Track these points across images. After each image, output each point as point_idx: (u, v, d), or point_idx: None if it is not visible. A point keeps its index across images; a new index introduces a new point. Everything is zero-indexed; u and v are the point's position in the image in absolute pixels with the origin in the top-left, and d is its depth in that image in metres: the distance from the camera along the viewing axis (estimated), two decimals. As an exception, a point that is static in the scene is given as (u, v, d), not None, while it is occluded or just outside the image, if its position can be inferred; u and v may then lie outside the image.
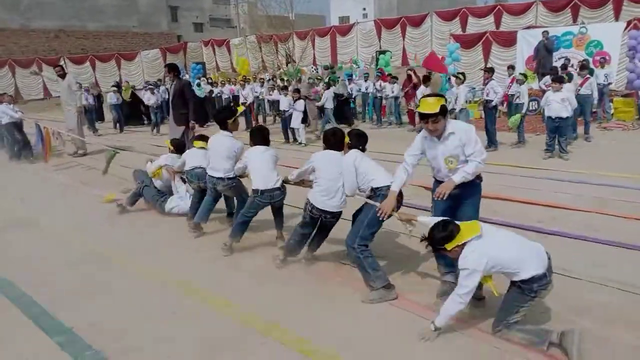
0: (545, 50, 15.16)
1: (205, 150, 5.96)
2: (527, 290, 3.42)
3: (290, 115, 12.40)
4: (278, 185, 5.17)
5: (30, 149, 12.12)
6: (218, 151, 5.55)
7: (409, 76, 13.55)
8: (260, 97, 16.02)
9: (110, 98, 16.81)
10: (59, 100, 12.85)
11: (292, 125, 12.39)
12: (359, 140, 4.69)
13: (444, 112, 3.89)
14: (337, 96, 14.46)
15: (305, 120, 12.62)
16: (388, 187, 4.27)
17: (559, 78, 9.93)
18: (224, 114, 5.75)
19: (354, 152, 4.53)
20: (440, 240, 3.52)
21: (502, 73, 18.35)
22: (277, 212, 5.53)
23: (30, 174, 10.42)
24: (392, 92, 14.60)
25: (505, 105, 13.39)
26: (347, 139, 4.71)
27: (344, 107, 15.00)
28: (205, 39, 34.14)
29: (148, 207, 6.96)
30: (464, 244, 3.47)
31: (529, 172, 8.46)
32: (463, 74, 12.20)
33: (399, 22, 25.22)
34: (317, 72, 20.02)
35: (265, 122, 16.65)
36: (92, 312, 4.20)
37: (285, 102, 12.41)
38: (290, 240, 4.99)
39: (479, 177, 4.12)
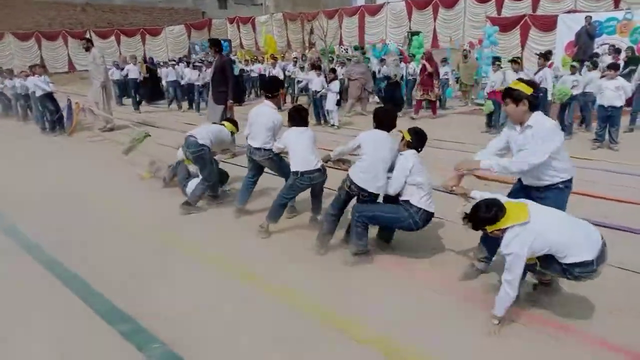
0: (587, 36, 14.55)
1: (235, 134, 6.01)
2: (567, 271, 3.31)
3: (322, 96, 12.08)
4: (318, 166, 4.99)
5: (63, 122, 12.08)
6: (259, 121, 5.41)
7: (424, 66, 12.93)
8: (292, 76, 15.66)
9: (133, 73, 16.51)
10: (83, 74, 12.82)
11: (326, 107, 12.06)
12: (420, 141, 4.53)
13: (517, 98, 3.62)
14: (386, 78, 14.03)
15: (339, 102, 12.28)
16: (420, 209, 4.34)
17: (614, 65, 9.44)
18: (275, 85, 5.71)
19: (413, 156, 4.40)
20: (482, 221, 3.40)
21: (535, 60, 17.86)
22: (317, 194, 5.39)
23: (61, 146, 10.31)
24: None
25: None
26: (407, 136, 4.50)
27: (395, 91, 14.07)
28: (230, 16, 33.73)
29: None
30: (506, 229, 3.32)
31: (581, 163, 8.07)
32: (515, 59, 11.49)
33: (431, 3, 24.52)
34: (347, 52, 19.56)
35: (296, 102, 16.40)
36: (152, 299, 3.97)
37: (318, 83, 12.06)
38: (323, 228, 4.83)
39: (564, 183, 3.75)
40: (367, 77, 13.53)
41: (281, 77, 15.33)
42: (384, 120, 4.63)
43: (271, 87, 5.63)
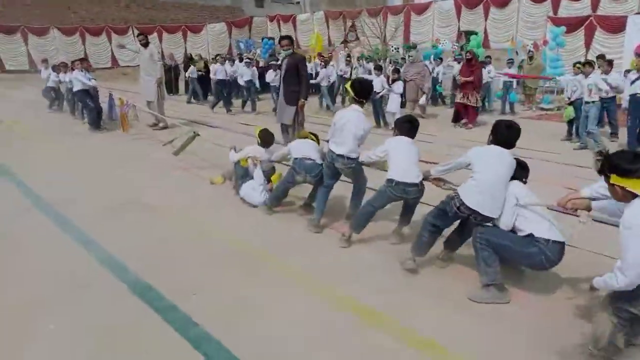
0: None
1: (315, 142, 5.61)
2: None
3: (382, 97, 11.45)
4: (417, 180, 4.55)
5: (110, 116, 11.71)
6: (348, 127, 4.94)
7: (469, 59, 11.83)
8: (346, 76, 15.02)
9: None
10: (126, 70, 12.45)
11: (388, 109, 11.44)
12: (521, 172, 4.09)
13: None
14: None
15: (403, 104, 11.64)
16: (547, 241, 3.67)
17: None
18: (368, 90, 5.22)
19: (519, 188, 3.96)
20: (618, 169, 2.83)
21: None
22: (408, 209, 4.91)
23: (111, 144, 9.96)
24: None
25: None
26: None
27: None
28: (271, 14, 33.35)
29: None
30: (635, 195, 2.80)
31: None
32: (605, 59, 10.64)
33: (482, 2, 23.62)
34: (399, 51, 18.85)
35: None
36: (222, 306, 3.73)
37: (378, 83, 11.43)
38: (420, 240, 4.29)
39: None
40: (424, 77, 12.76)
41: (334, 77, 14.80)
42: (507, 137, 4.03)
43: (362, 91, 5.09)
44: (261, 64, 16.75)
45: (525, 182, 4.10)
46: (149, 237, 4.99)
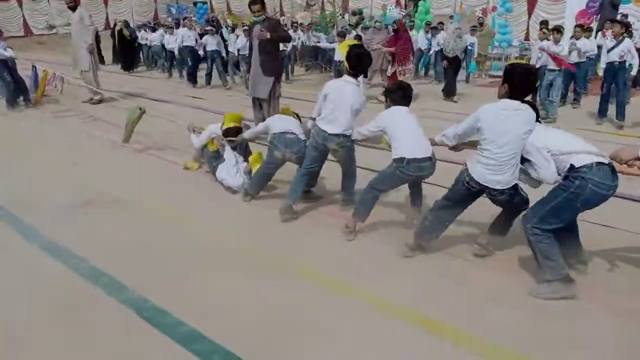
0: (610, 5, 13.86)
1: (297, 119, 5.04)
2: None
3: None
4: (430, 154, 4.00)
5: (28, 93, 10.24)
6: (345, 102, 4.36)
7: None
8: (305, 44, 14.09)
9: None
10: (41, 39, 11.05)
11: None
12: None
13: None
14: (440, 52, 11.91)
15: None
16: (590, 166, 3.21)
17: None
18: (367, 61, 4.51)
19: (544, 135, 3.48)
20: None
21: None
22: (419, 186, 4.45)
23: (41, 125, 8.66)
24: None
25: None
26: None
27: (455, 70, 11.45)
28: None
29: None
30: None
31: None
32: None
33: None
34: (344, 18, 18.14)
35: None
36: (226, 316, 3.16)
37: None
38: (426, 227, 3.87)
39: None
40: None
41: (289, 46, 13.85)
42: (524, 83, 3.47)
43: (359, 66, 4.43)
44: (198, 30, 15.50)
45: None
46: (130, 240, 4.16)
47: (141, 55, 17.68)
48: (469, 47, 13.89)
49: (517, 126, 3.39)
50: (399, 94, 4.23)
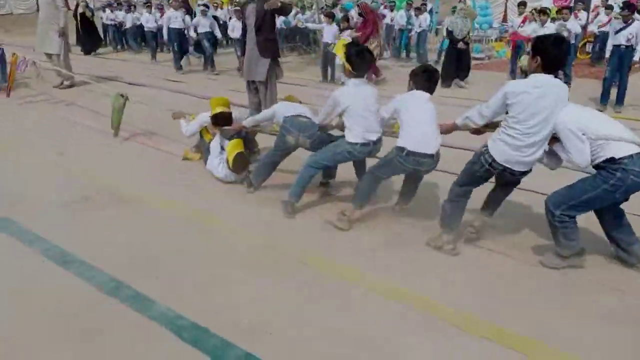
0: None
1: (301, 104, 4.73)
2: None
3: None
4: (433, 151, 3.74)
5: None
6: (368, 104, 4.00)
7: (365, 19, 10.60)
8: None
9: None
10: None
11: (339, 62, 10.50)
12: None
13: None
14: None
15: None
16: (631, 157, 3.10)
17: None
18: (366, 60, 4.08)
19: (578, 114, 3.28)
20: None
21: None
22: (416, 182, 4.18)
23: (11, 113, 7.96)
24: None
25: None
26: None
27: (462, 55, 10.84)
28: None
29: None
30: None
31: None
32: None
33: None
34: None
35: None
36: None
37: (330, 33, 10.39)
38: (447, 214, 3.67)
39: None
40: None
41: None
42: (557, 55, 3.24)
43: (362, 65, 4.04)
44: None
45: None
46: (148, 246, 3.69)
47: (106, 37, 16.83)
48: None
49: (550, 105, 3.17)
50: (422, 77, 3.91)
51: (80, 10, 15.47)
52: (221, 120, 5.07)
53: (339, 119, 4.22)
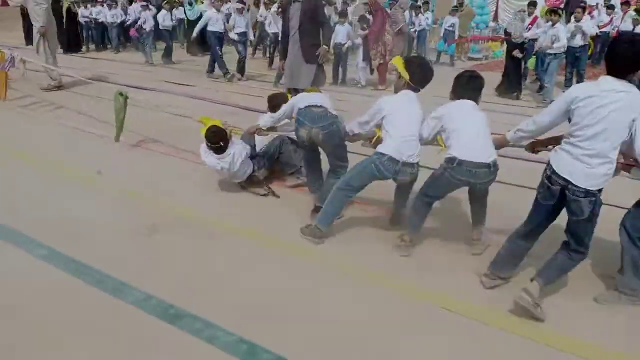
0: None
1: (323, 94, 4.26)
2: None
3: (347, 50, 10.08)
4: (490, 160, 3.33)
5: None
6: (412, 120, 3.58)
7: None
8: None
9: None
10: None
11: (358, 62, 10.15)
12: None
13: None
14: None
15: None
16: None
17: None
18: (429, 75, 3.71)
19: None
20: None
21: (517, 9, 17.02)
22: (479, 199, 3.68)
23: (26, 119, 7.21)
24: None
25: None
26: None
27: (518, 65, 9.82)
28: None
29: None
30: None
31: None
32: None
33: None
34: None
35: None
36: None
37: (343, 33, 9.93)
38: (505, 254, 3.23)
39: None
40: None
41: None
42: (634, 58, 2.77)
43: (424, 79, 3.69)
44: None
45: None
46: (225, 280, 3.24)
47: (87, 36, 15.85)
48: (450, 29, 13.49)
49: (618, 111, 2.73)
50: (467, 85, 3.55)
51: (65, 6, 14.51)
52: (216, 137, 4.40)
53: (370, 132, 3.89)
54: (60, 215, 4.02)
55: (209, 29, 10.54)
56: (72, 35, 14.78)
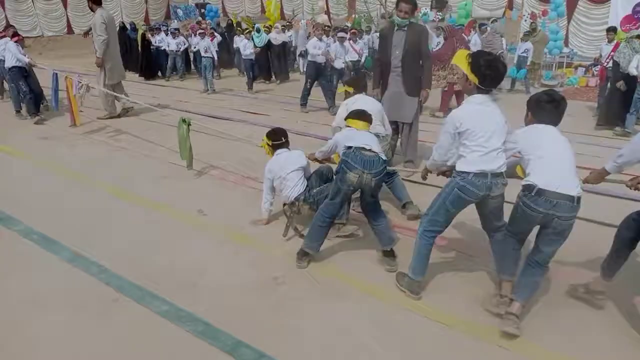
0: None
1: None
2: None
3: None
4: (574, 192, 2.89)
5: (38, 104, 9.03)
6: (495, 128, 3.09)
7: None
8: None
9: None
10: (26, 42, 9.63)
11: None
12: None
13: None
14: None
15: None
16: None
17: None
18: (501, 73, 3.16)
19: None
20: None
21: (588, 34, 16.35)
22: (554, 237, 3.02)
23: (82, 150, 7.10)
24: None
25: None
26: None
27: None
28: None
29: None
30: None
31: None
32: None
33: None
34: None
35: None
36: None
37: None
38: None
39: None
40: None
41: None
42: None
43: (495, 80, 3.12)
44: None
45: None
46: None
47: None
48: (524, 54, 12.96)
49: None
50: (548, 108, 3.13)
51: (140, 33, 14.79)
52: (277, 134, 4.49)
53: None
54: (175, 263, 3.79)
55: (310, 58, 10.11)
56: (146, 62, 14.98)
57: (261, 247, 4.11)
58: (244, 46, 12.30)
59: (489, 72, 3.05)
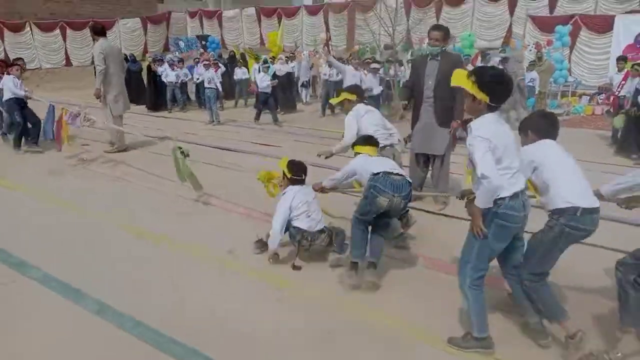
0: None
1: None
2: None
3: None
4: (598, 204, 3.01)
5: (36, 135, 8.96)
6: (509, 146, 2.90)
7: None
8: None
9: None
10: (24, 75, 9.41)
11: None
12: None
13: None
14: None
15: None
16: None
17: None
18: (506, 76, 3.02)
19: None
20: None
21: (591, 63, 16.40)
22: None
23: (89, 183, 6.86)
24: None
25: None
26: None
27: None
28: (192, 9, 29.98)
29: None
30: None
31: None
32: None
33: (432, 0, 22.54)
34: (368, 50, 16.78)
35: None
36: None
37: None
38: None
39: None
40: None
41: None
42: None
43: (506, 89, 2.92)
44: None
45: None
46: None
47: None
48: (530, 84, 12.93)
49: None
50: (545, 124, 3.22)
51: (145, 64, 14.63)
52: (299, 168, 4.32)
53: None
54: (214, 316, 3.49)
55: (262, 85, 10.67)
56: (152, 94, 14.74)
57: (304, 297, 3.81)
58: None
59: (499, 87, 2.88)
